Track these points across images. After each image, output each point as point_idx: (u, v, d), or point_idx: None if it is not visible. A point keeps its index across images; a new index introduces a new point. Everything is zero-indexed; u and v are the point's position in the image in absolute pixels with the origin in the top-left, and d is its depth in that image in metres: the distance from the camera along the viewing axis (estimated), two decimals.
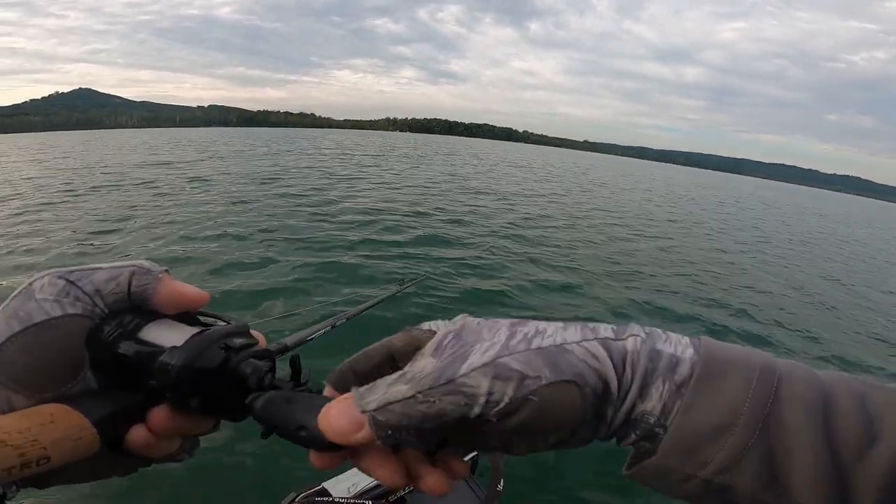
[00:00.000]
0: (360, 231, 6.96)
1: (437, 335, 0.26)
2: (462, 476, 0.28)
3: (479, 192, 13.19)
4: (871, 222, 30.43)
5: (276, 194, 10.11)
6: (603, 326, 0.26)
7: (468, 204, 10.70)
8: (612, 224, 10.67)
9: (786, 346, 4.71)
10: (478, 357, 0.23)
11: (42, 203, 8.56)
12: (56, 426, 0.23)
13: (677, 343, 0.25)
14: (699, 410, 0.23)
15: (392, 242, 6.47)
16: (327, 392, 0.30)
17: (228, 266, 5.11)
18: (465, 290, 4.89)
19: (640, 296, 5.51)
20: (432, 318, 0.30)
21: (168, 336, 0.28)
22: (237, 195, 9.74)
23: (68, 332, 0.25)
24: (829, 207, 44.59)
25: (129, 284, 0.28)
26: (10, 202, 8.74)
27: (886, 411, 0.23)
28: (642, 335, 0.25)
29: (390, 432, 0.23)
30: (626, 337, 0.25)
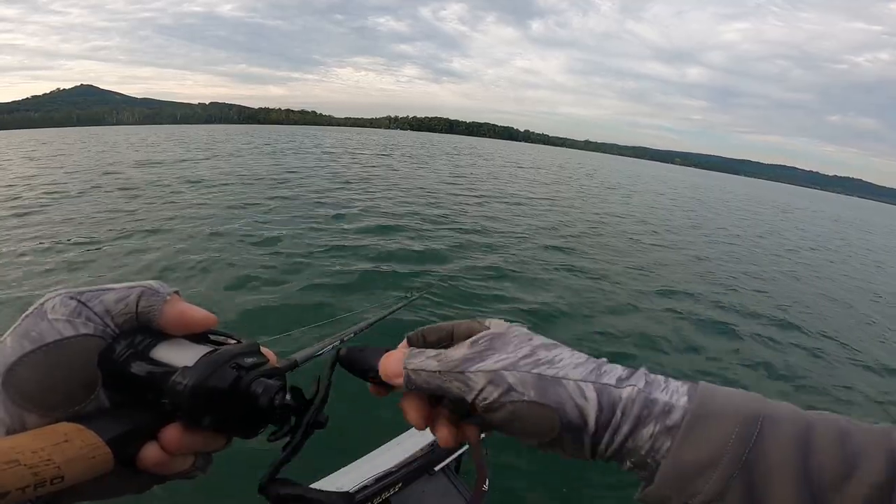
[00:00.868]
0: (369, 239, 6.76)
1: (481, 333, 0.33)
2: (471, 441, 0.35)
3: (492, 198, 12.80)
4: None
5: (281, 197, 9.84)
6: (612, 372, 0.31)
7: (480, 213, 10.34)
8: (671, 242, 10.04)
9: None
10: (490, 363, 0.31)
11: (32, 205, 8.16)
12: (70, 445, 0.23)
13: (675, 391, 0.29)
14: (687, 450, 0.27)
15: (402, 251, 6.30)
16: (401, 345, 0.37)
17: (234, 278, 4.95)
18: (469, 299, 4.84)
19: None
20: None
21: (179, 356, 0.28)
22: (242, 200, 9.44)
23: (80, 352, 0.26)
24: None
25: (137, 305, 0.28)
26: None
27: (865, 448, 0.26)
28: (641, 385, 0.29)
29: (415, 387, 0.33)
30: (625, 386, 0.29)
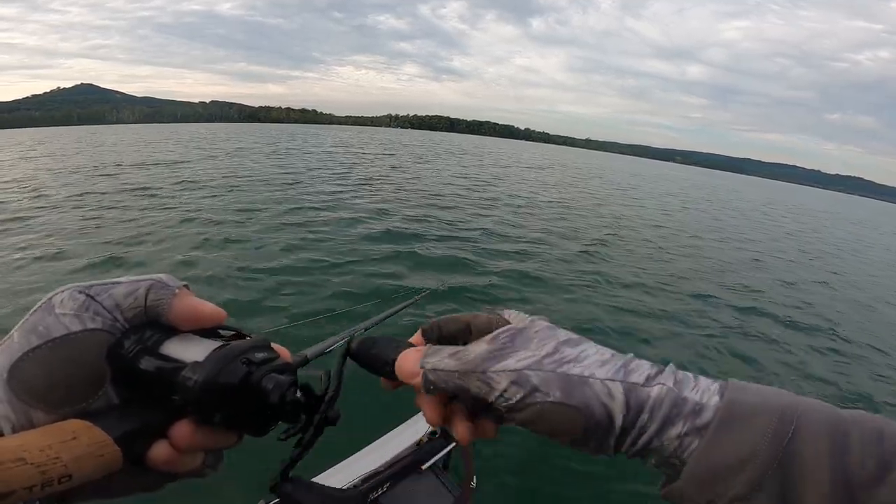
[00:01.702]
0: (375, 240, 6.75)
1: (501, 329, 0.32)
2: (489, 436, 0.34)
3: (500, 200, 12.42)
4: None
5: (287, 198, 9.64)
6: (640, 369, 0.29)
7: (490, 214, 10.02)
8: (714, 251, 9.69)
9: None
10: (512, 362, 0.29)
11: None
12: (78, 443, 0.22)
13: (705, 390, 0.28)
14: (717, 450, 0.26)
15: (410, 252, 6.26)
16: (415, 337, 0.36)
17: (244, 275, 4.94)
18: (480, 299, 4.77)
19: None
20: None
21: (189, 351, 0.28)
22: (249, 201, 9.21)
23: (88, 347, 0.26)
24: None
25: (146, 299, 0.28)
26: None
27: None
28: (670, 383, 0.28)
29: (432, 387, 0.31)
30: (654, 385, 0.28)
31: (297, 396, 0.30)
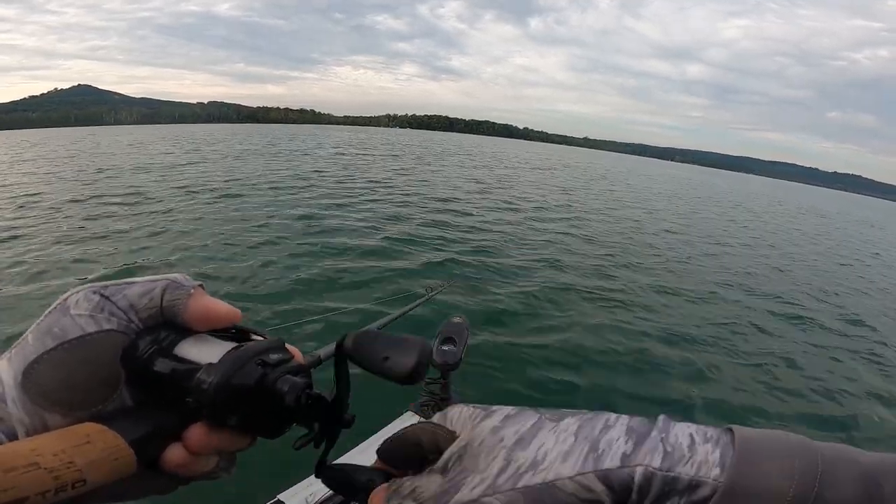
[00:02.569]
0: (382, 240, 6.68)
1: (449, 451, 0.29)
2: None
3: (504, 201, 11.97)
4: None
5: (295, 200, 9.41)
6: (613, 447, 0.26)
7: (496, 215, 9.60)
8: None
9: None
10: (466, 492, 0.26)
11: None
12: (92, 447, 0.22)
13: (702, 463, 0.24)
14: None
15: (420, 253, 6.21)
16: (377, 462, 0.34)
17: (256, 277, 4.95)
18: (486, 298, 4.79)
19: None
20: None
21: (204, 352, 0.27)
22: (256, 201, 9.07)
23: (103, 349, 0.25)
24: None
25: (162, 299, 0.27)
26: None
27: None
28: (656, 462, 0.24)
29: None
30: (635, 466, 0.25)
31: (314, 396, 0.29)
